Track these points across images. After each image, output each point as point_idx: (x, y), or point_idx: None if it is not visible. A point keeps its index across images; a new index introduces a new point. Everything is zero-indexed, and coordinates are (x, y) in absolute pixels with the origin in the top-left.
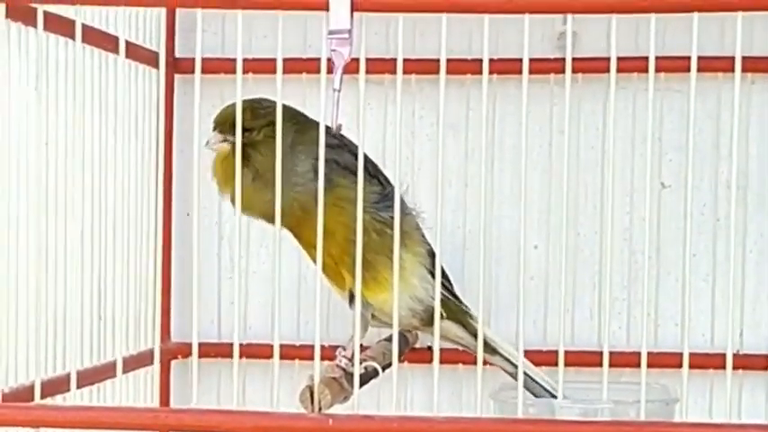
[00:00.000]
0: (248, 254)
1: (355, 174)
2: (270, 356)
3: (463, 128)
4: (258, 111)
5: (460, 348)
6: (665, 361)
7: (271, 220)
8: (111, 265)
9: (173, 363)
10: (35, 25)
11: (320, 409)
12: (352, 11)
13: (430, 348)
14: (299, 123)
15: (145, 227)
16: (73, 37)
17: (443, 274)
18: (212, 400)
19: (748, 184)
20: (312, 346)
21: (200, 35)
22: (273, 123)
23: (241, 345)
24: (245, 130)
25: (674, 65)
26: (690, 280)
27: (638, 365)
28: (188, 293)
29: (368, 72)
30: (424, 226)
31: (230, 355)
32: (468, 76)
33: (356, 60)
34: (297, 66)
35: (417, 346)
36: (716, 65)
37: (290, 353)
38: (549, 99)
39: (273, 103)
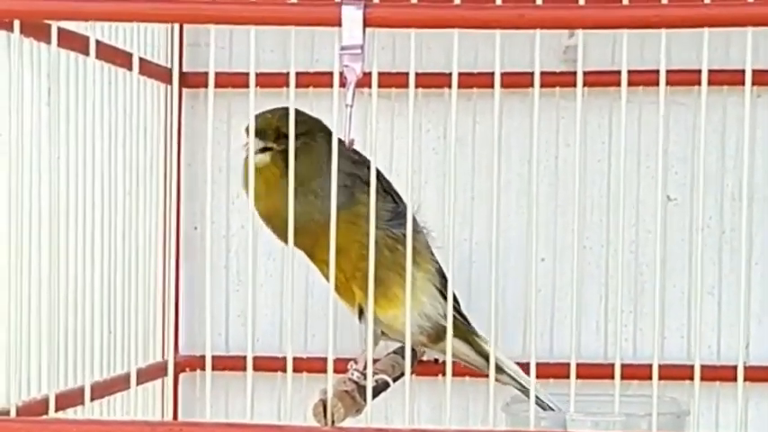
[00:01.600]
0: (256, 266)
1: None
2: (278, 369)
3: (470, 141)
4: (296, 118)
5: (462, 365)
6: (671, 373)
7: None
8: (120, 278)
9: (181, 376)
10: (47, 40)
11: (333, 422)
12: (365, 27)
13: (437, 361)
14: (330, 136)
15: (153, 240)
16: (83, 52)
17: (454, 294)
18: (220, 413)
19: (754, 196)
20: (320, 359)
21: (212, 50)
22: (310, 133)
23: None
24: (283, 136)
25: (679, 78)
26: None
27: (646, 378)
28: (196, 307)
29: (372, 86)
30: (433, 244)
31: (238, 368)
32: (474, 89)
33: (366, 75)
34: (304, 80)
35: (424, 358)
36: (721, 78)
37: (298, 365)
38: (555, 112)
39: (305, 114)
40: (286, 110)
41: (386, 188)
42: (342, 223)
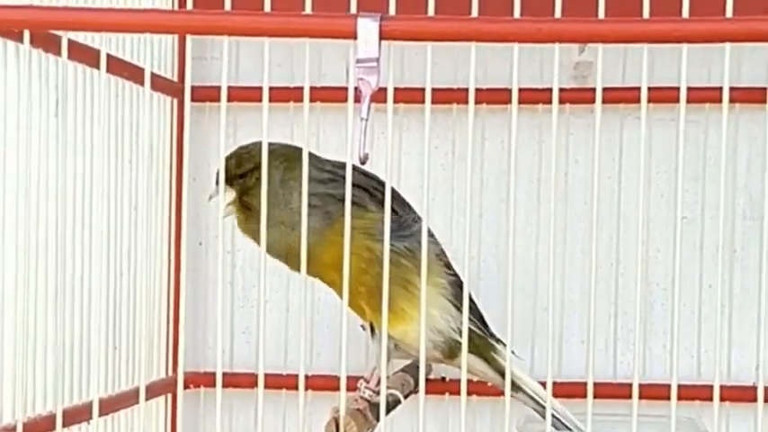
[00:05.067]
0: (259, 284)
1: (360, 205)
2: (282, 387)
3: (478, 157)
4: (242, 156)
5: (476, 379)
6: (681, 393)
7: (290, 262)
8: (125, 294)
9: (183, 393)
10: (55, 52)
11: None
12: (381, 40)
13: (444, 379)
14: (288, 160)
15: (158, 255)
16: (92, 64)
17: (472, 307)
18: (224, 430)
19: (764, 215)
20: (325, 376)
21: (225, 64)
22: (260, 165)
23: (253, 374)
24: (238, 177)
25: (690, 95)
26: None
27: (655, 397)
28: (199, 323)
29: (383, 101)
30: (450, 255)
31: (242, 385)
32: (483, 105)
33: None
34: (311, 95)
35: (431, 376)
36: (732, 95)
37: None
38: (565, 128)
39: (255, 148)
40: (237, 150)
41: (381, 201)
42: (328, 243)
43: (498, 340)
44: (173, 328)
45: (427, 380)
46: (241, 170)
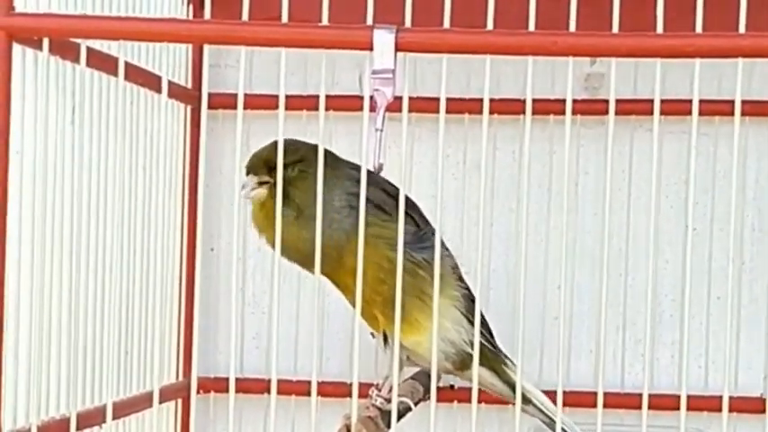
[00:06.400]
0: (271, 289)
1: (386, 212)
2: (292, 392)
3: (489, 167)
4: (288, 148)
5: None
6: (689, 403)
7: (308, 262)
8: (137, 299)
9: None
10: (73, 59)
11: None
12: (396, 51)
13: (452, 387)
14: (331, 158)
15: (170, 261)
16: (108, 71)
17: (482, 320)
18: None
19: None
20: (334, 383)
21: (242, 74)
22: (305, 159)
23: (263, 380)
24: (276, 168)
25: (700, 108)
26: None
27: (662, 408)
28: (209, 329)
29: (395, 110)
30: (462, 269)
31: (252, 391)
32: (495, 116)
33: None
34: (325, 103)
35: (440, 384)
36: (742, 108)
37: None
38: (575, 140)
39: (302, 142)
40: (276, 142)
41: (406, 210)
42: (355, 247)
43: (506, 355)
44: (184, 333)
45: (437, 388)
46: (284, 160)
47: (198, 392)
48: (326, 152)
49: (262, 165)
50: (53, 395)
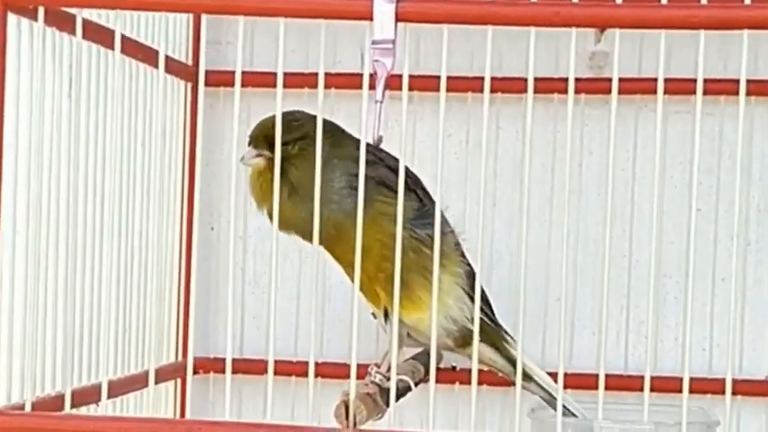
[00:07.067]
0: (270, 269)
1: (391, 188)
2: (292, 373)
3: (492, 147)
4: (292, 124)
5: (486, 369)
6: (693, 386)
7: (307, 236)
8: (135, 277)
9: (192, 378)
10: (70, 31)
11: (355, 424)
12: (397, 21)
13: (454, 368)
14: (335, 137)
15: (169, 240)
16: (106, 44)
17: (484, 297)
18: (233, 416)
19: None
20: (336, 364)
21: (240, 45)
22: (308, 137)
23: (263, 360)
24: (283, 144)
25: (706, 87)
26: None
27: (667, 390)
28: (209, 308)
29: (397, 88)
30: (465, 246)
31: (252, 371)
32: (498, 94)
33: (392, 77)
34: (326, 81)
35: (441, 365)
36: (748, 88)
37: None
38: (579, 119)
39: (307, 116)
40: (284, 115)
41: (410, 186)
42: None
43: (507, 332)
44: (183, 312)
45: (437, 369)
46: (285, 137)
47: (197, 373)
48: (332, 129)
49: (262, 138)
50: (48, 372)
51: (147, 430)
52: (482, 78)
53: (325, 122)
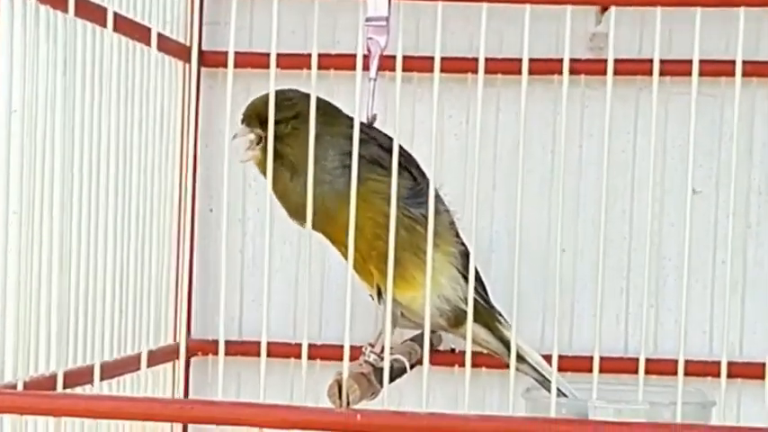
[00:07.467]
0: (271, 251)
1: (384, 167)
2: (291, 356)
3: (492, 128)
4: (284, 102)
5: (485, 352)
6: (693, 369)
7: (301, 215)
8: (132, 258)
9: (192, 360)
10: (63, 9)
11: (348, 403)
12: None
13: (453, 350)
14: (327, 115)
15: (167, 221)
16: (100, 23)
17: (478, 277)
18: (231, 398)
19: None
20: (334, 346)
21: (233, 23)
22: (300, 115)
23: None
24: (275, 123)
25: (706, 68)
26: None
27: (666, 373)
28: (209, 290)
29: (394, 68)
30: (459, 225)
31: (251, 354)
32: (498, 75)
33: (389, 58)
34: (325, 62)
35: (440, 348)
36: (749, 69)
37: (312, 352)
38: (580, 101)
39: (299, 94)
40: (277, 93)
41: (403, 164)
42: (349, 205)
43: (500, 313)
44: (181, 294)
45: (436, 351)
46: (277, 116)
47: (197, 355)
48: (325, 107)
49: (254, 117)
50: (42, 352)
51: (140, 409)
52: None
53: (319, 101)
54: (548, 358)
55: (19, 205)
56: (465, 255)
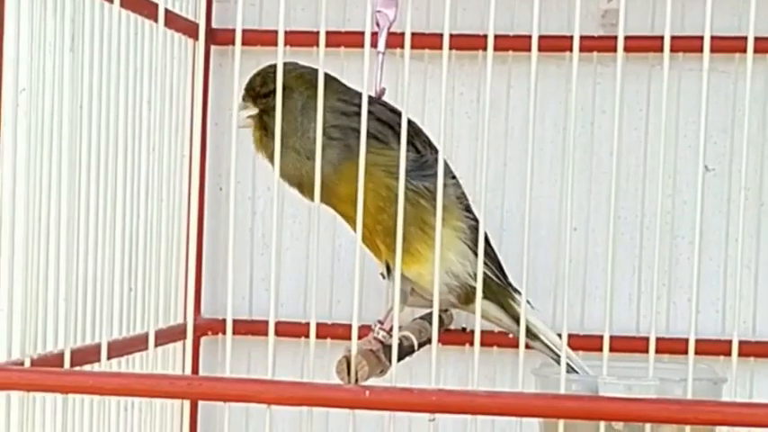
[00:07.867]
0: (281, 230)
1: (381, 140)
2: (301, 335)
3: (503, 106)
4: (269, 75)
5: (497, 330)
6: (705, 348)
7: (301, 189)
8: (142, 237)
9: (202, 339)
10: None
11: (357, 380)
12: None
13: (464, 329)
14: (314, 87)
15: (177, 199)
16: None
17: (490, 253)
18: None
19: None
20: (344, 325)
21: (241, 2)
22: (286, 88)
23: None
24: (262, 96)
25: (720, 45)
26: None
27: (679, 352)
28: (219, 269)
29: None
30: (471, 200)
31: (261, 333)
32: (510, 53)
33: (399, 35)
34: (336, 39)
35: (452, 327)
36: (763, 45)
37: (322, 331)
38: (592, 78)
39: (292, 67)
40: (266, 68)
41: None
42: (344, 177)
43: (515, 289)
44: (191, 273)
45: (448, 330)
46: (265, 89)
47: (206, 334)
48: (313, 79)
49: (247, 93)
50: (50, 329)
51: (147, 386)
52: (494, 37)
53: (310, 73)
54: (560, 337)
55: (26, 183)
56: (476, 229)
